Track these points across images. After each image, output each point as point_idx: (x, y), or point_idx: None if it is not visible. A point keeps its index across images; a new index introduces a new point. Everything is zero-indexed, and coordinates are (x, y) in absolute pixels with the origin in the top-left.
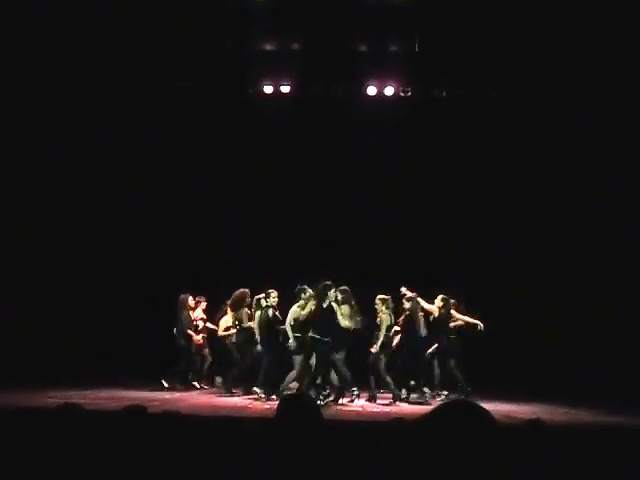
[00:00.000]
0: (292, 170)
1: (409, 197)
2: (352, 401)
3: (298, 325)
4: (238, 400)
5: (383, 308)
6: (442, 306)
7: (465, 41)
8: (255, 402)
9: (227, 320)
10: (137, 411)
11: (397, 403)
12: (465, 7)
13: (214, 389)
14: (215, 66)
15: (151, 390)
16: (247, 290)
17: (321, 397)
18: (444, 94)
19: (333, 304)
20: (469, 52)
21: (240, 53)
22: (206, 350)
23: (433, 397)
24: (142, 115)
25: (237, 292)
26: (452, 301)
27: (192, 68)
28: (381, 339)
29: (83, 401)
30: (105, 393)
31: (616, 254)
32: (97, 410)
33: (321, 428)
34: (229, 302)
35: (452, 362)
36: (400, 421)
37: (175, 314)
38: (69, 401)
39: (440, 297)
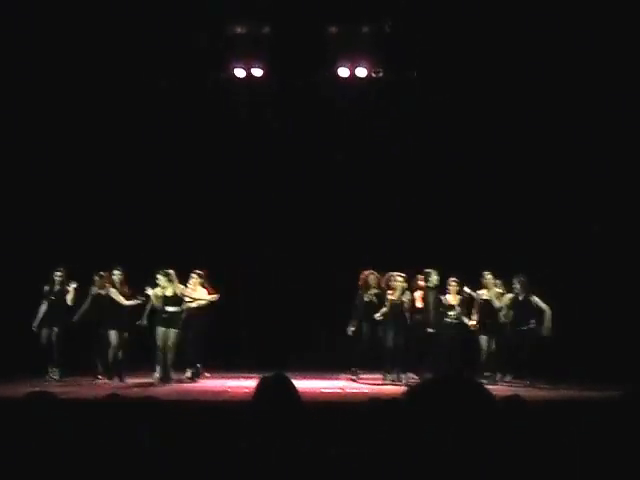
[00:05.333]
0: (264, 153)
1: (382, 179)
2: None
3: None
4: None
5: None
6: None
7: (435, 21)
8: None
9: None
10: (113, 398)
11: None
12: None
13: None
14: (186, 51)
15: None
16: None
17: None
18: (415, 74)
19: None
20: (440, 32)
21: (211, 37)
22: None
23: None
24: (109, 103)
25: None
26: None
27: (162, 54)
28: None
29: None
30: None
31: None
32: (74, 398)
33: (299, 408)
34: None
35: (190, 335)
36: (376, 401)
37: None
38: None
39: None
